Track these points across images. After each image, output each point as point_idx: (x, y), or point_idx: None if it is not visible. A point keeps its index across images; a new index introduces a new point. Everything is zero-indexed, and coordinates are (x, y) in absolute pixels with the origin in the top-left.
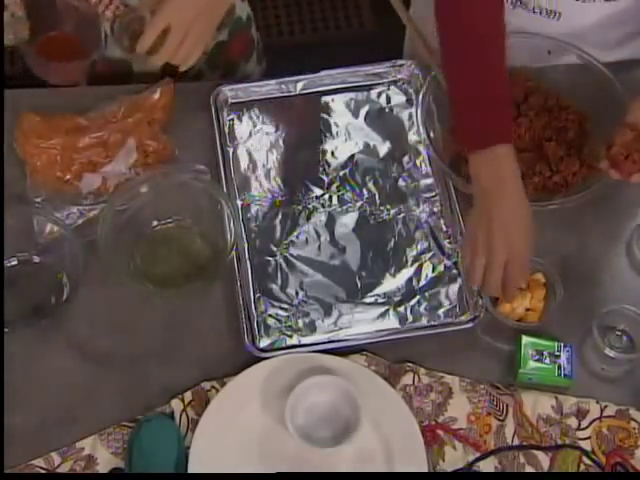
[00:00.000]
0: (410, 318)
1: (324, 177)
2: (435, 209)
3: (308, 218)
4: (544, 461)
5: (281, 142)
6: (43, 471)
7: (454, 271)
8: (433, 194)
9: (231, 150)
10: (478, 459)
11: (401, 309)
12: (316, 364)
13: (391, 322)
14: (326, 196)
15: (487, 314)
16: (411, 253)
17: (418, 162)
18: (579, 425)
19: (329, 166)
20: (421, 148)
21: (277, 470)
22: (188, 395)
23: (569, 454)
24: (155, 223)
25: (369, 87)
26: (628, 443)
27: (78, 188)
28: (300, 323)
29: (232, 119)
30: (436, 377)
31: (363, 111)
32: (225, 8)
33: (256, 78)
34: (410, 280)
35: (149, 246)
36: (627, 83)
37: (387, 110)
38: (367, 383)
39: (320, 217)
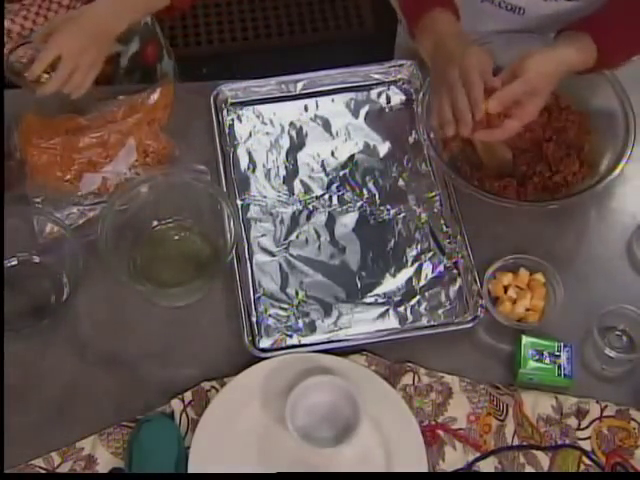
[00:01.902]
0: (410, 318)
1: (324, 177)
2: (435, 209)
3: (308, 218)
4: (544, 461)
5: (281, 142)
6: (43, 471)
7: (454, 271)
8: (433, 194)
9: (231, 150)
10: (478, 459)
11: (401, 309)
12: (316, 364)
13: (391, 322)
14: (326, 196)
15: (487, 314)
16: (411, 253)
17: (418, 162)
18: (579, 425)
19: (329, 166)
20: (421, 148)
21: (277, 470)
22: (188, 395)
23: (569, 454)
24: (155, 223)
25: (369, 87)
26: (628, 443)
27: (78, 188)
28: (300, 323)
29: (232, 119)
30: (436, 377)
31: (363, 111)
32: (113, 38)
33: (255, 78)
34: (410, 280)
35: (149, 246)
36: (626, 83)
37: (387, 110)
38: (367, 383)
39: (320, 217)
